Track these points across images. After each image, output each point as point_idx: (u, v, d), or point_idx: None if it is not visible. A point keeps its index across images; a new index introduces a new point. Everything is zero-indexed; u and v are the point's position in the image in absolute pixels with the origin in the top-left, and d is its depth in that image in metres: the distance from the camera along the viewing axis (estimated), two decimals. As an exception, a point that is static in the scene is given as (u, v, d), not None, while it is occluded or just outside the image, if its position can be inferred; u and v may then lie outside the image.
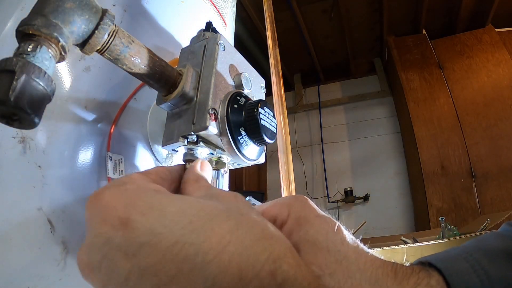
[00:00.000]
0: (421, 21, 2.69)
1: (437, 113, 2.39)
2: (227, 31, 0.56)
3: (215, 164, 0.33)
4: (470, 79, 2.39)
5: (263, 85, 0.39)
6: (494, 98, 2.26)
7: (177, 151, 0.32)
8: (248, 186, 3.27)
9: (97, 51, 0.24)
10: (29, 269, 0.26)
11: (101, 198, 0.17)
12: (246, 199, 0.38)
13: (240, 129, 0.31)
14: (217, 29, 0.36)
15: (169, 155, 0.39)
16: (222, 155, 0.33)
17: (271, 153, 2.49)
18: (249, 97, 0.34)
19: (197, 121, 0.29)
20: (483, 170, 2.14)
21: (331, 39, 2.99)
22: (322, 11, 2.64)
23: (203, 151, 0.31)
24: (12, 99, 0.16)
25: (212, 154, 0.32)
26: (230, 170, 0.37)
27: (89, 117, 0.32)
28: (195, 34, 0.36)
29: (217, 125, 0.29)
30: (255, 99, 0.33)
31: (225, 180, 0.36)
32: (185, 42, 0.41)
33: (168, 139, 0.31)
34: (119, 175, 0.33)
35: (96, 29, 0.22)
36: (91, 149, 0.32)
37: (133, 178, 0.19)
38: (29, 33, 0.19)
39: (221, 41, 0.33)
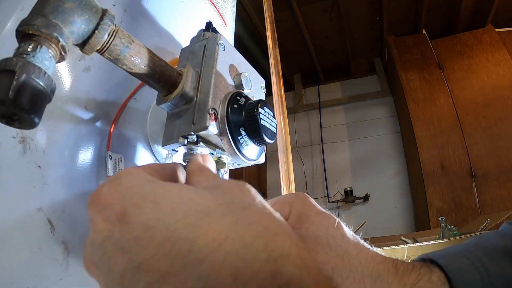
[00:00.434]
0: (421, 21, 2.69)
1: (437, 113, 2.39)
2: (227, 31, 0.56)
3: (215, 164, 0.33)
4: (470, 79, 2.39)
5: (263, 85, 0.39)
6: (494, 98, 2.26)
7: (177, 151, 0.32)
8: (248, 186, 3.27)
9: (97, 51, 0.24)
10: (29, 269, 0.26)
11: (99, 195, 0.17)
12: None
13: (240, 129, 0.31)
14: (217, 29, 0.36)
15: (169, 155, 0.39)
16: (222, 155, 0.33)
17: (271, 153, 2.49)
18: (249, 97, 0.34)
19: (197, 121, 0.29)
20: (483, 170, 2.14)
21: (331, 39, 2.99)
22: (322, 11, 2.64)
23: (203, 151, 0.31)
24: (12, 99, 0.16)
25: (212, 154, 0.32)
26: (230, 170, 0.37)
27: (89, 117, 0.32)
28: (195, 34, 0.36)
29: (217, 125, 0.29)
30: (255, 99, 0.33)
31: (225, 180, 0.36)
32: (185, 42, 0.41)
33: (168, 139, 0.31)
34: None
35: (96, 29, 0.22)
36: (91, 149, 0.32)
37: (128, 170, 0.19)
38: (29, 33, 0.19)
39: (221, 41, 0.33)
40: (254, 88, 0.36)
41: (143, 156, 0.37)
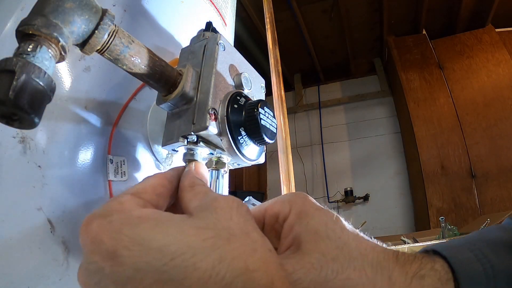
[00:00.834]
0: (421, 21, 2.69)
1: (437, 113, 2.39)
2: (227, 31, 0.56)
3: (215, 164, 0.33)
4: (470, 79, 2.39)
5: (263, 85, 0.39)
6: (494, 98, 2.26)
7: (177, 151, 0.32)
8: (248, 186, 3.27)
9: (97, 51, 0.24)
10: (29, 269, 0.26)
11: (90, 229, 0.17)
12: (246, 199, 0.38)
13: (240, 129, 0.31)
14: (217, 29, 0.36)
15: (169, 155, 0.40)
16: (222, 155, 0.33)
17: (271, 153, 2.49)
18: (249, 97, 0.34)
19: (197, 121, 0.29)
20: (483, 170, 2.14)
21: (331, 39, 2.99)
22: (322, 11, 2.64)
23: (203, 151, 0.31)
24: (12, 99, 0.16)
25: (212, 154, 0.32)
26: (230, 170, 0.37)
27: (89, 117, 0.32)
28: (195, 34, 0.36)
29: (217, 125, 0.29)
30: (255, 99, 0.33)
31: (225, 180, 0.36)
32: (185, 42, 0.41)
33: (168, 139, 0.31)
34: (121, 177, 0.33)
35: (96, 29, 0.22)
36: (91, 149, 0.32)
37: (120, 205, 0.19)
38: (29, 33, 0.19)
39: (221, 41, 0.33)
40: (254, 88, 0.36)
41: (143, 156, 0.37)
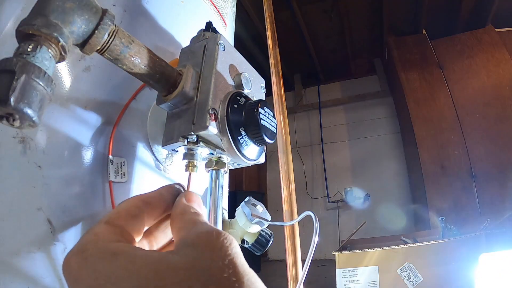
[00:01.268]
0: (421, 21, 2.69)
1: (437, 113, 2.39)
2: (227, 31, 0.56)
3: (215, 164, 0.33)
4: (470, 79, 2.39)
5: (263, 85, 0.39)
6: (494, 98, 2.26)
7: (177, 151, 0.32)
8: (248, 186, 3.27)
9: (97, 51, 0.24)
10: (29, 269, 0.26)
11: (69, 267, 0.18)
12: (246, 199, 0.38)
13: (240, 129, 0.31)
14: (217, 29, 0.36)
15: (169, 155, 0.40)
16: (222, 155, 0.33)
17: (271, 153, 2.49)
18: (249, 97, 0.34)
19: (197, 121, 0.29)
20: (483, 170, 2.14)
21: (331, 39, 2.99)
22: (322, 11, 2.64)
23: (203, 151, 0.31)
24: (12, 99, 0.16)
25: (212, 154, 0.32)
26: (230, 170, 0.37)
27: (89, 117, 0.32)
28: (195, 34, 0.36)
29: (217, 125, 0.29)
30: (255, 99, 0.33)
31: (225, 180, 0.36)
32: (185, 42, 0.41)
33: (168, 139, 0.31)
34: (121, 178, 0.33)
35: (96, 29, 0.22)
36: (91, 149, 0.32)
37: (95, 236, 0.19)
38: (29, 33, 0.19)
39: (221, 41, 0.33)
40: (254, 88, 0.36)
41: (144, 156, 0.37)
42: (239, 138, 0.30)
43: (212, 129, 0.28)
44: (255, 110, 0.30)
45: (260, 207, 0.43)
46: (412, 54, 2.65)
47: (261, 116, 0.30)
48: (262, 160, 0.36)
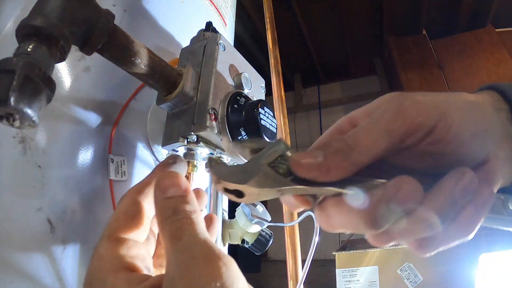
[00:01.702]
0: (421, 21, 2.69)
1: (437, 113, 2.39)
2: (227, 31, 0.56)
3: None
4: (470, 79, 2.39)
5: (263, 85, 0.39)
6: (494, 98, 2.26)
7: (177, 151, 0.32)
8: (248, 186, 3.26)
9: (97, 51, 0.24)
10: (29, 269, 0.26)
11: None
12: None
13: (240, 129, 0.31)
14: (217, 29, 0.36)
15: (169, 155, 0.40)
16: (222, 155, 0.33)
17: (271, 153, 2.48)
18: (249, 97, 0.34)
19: (197, 121, 0.29)
20: (483, 170, 2.14)
21: (331, 39, 2.99)
22: (322, 11, 2.64)
23: (203, 151, 0.31)
24: (12, 99, 0.16)
25: (212, 154, 0.32)
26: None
27: (89, 117, 0.32)
28: (195, 34, 0.36)
29: (217, 125, 0.29)
30: (255, 99, 0.33)
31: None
32: (185, 42, 0.41)
33: (168, 139, 0.31)
34: (121, 177, 0.33)
35: (96, 29, 0.22)
36: (91, 149, 0.32)
37: (100, 262, 0.19)
38: (29, 33, 0.19)
39: (221, 41, 0.33)
40: (254, 88, 0.36)
41: (144, 156, 0.37)
42: (239, 138, 0.30)
43: (212, 129, 0.28)
44: (255, 110, 0.30)
45: (260, 207, 0.43)
46: (412, 54, 2.65)
47: (261, 116, 0.30)
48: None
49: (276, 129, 0.33)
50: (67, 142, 0.31)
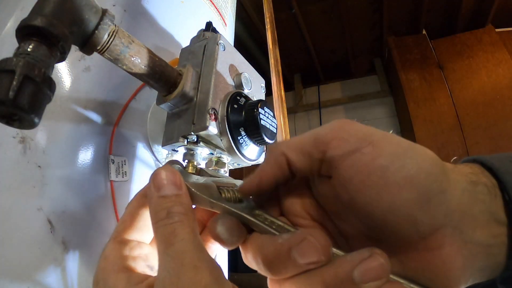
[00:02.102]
0: (421, 21, 2.68)
1: (437, 113, 2.39)
2: (227, 31, 0.56)
3: (215, 164, 0.33)
4: (470, 79, 2.39)
5: (263, 85, 0.39)
6: (494, 98, 2.26)
7: (177, 151, 0.32)
8: (248, 186, 3.26)
9: (97, 51, 0.24)
10: (29, 269, 0.26)
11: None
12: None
13: (240, 129, 0.31)
14: (217, 29, 0.36)
15: (169, 155, 0.40)
16: (222, 155, 0.33)
17: (271, 153, 2.48)
18: (249, 97, 0.34)
19: (197, 121, 0.29)
20: (483, 170, 2.14)
21: (331, 39, 2.99)
22: (322, 11, 2.64)
23: (203, 151, 0.31)
24: (12, 99, 0.16)
25: (212, 154, 0.32)
26: (230, 170, 0.37)
27: (89, 117, 0.32)
28: (195, 34, 0.36)
29: (217, 125, 0.29)
30: (255, 99, 0.33)
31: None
32: (185, 42, 0.41)
33: (168, 139, 0.31)
34: (122, 177, 0.33)
35: (96, 29, 0.22)
36: (91, 149, 0.32)
37: (105, 262, 0.20)
38: (29, 33, 0.19)
39: (221, 41, 0.33)
40: (254, 88, 0.36)
41: (144, 156, 0.37)
42: (239, 138, 0.30)
43: (212, 129, 0.28)
44: (255, 110, 0.30)
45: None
46: (412, 54, 2.65)
47: (261, 116, 0.30)
48: (262, 160, 0.36)
49: (276, 129, 0.33)
50: (67, 142, 0.31)
